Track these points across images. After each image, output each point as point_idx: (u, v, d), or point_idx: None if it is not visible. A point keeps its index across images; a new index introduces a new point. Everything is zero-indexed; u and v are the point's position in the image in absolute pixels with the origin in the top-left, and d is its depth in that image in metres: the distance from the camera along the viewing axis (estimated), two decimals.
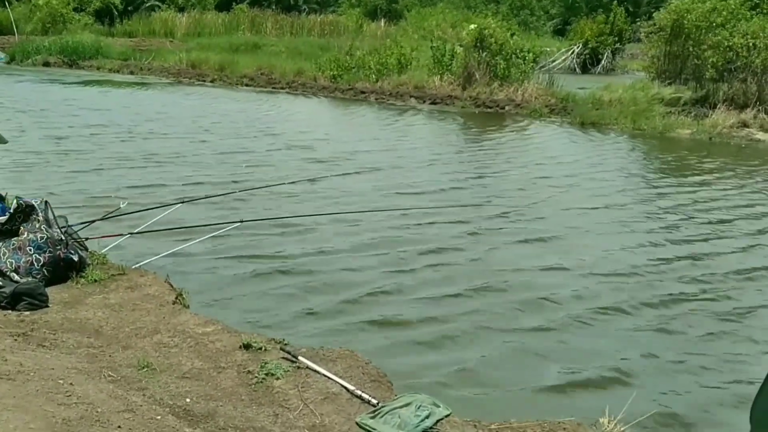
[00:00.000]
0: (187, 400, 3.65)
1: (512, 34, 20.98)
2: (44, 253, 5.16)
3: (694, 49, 18.43)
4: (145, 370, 3.92)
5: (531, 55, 20.38)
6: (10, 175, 9.12)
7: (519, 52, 19.90)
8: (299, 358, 4.18)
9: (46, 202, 5.49)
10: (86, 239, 5.93)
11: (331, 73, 22.31)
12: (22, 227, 5.28)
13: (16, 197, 5.45)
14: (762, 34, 17.32)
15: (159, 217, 6.75)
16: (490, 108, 18.67)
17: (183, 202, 7.09)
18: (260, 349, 4.30)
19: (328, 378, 3.99)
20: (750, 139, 15.52)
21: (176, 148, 12.04)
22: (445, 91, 19.97)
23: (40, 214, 5.33)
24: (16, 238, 5.21)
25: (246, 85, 22.84)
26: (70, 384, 3.47)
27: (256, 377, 3.96)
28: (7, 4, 34.46)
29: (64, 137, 12.58)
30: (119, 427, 3.15)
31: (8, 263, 5.06)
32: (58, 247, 5.22)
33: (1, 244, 5.19)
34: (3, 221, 5.37)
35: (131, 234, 6.40)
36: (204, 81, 23.78)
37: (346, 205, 8.60)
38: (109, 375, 3.77)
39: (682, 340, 5.41)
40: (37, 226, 5.27)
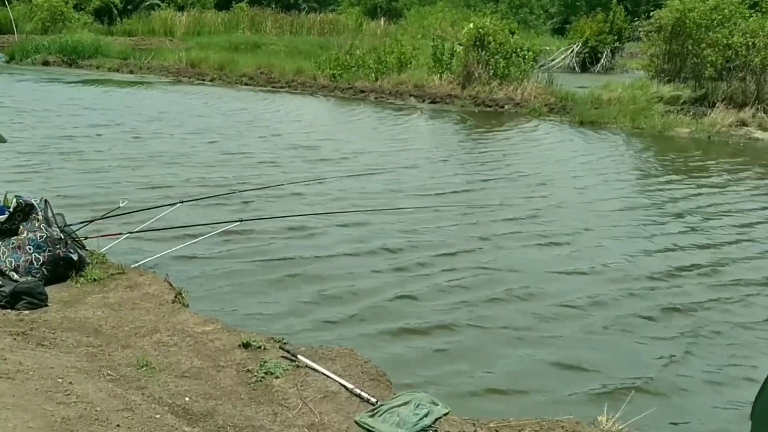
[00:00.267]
0: (186, 399, 3.65)
1: (512, 33, 20.97)
2: (44, 252, 5.17)
3: (694, 47, 18.43)
4: (145, 369, 3.93)
5: (530, 54, 20.37)
6: (11, 175, 9.12)
7: (518, 51, 19.90)
8: (298, 356, 4.18)
9: (46, 201, 5.49)
10: (85, 238, 5.94)
11: (331, 72, 22.31)
12: (21, 226, 5.28)
13: (16, 196, 5.45)
14: (761, 33, 17.32)
15: (158, 217, 6.75)
16: (490, 107, 18.67)
17: (182, 202, 7.09)
18: (259, 347, 4.30)
19: (327, 377, 4.00)
20: (749, 138, 15.53)
21: (178, 148, 12.02)
22: (445, 90, 19.96)
23: (40, 213, 5.34)
24: (15, 237, 5.22)
25: (245, 84, 22.83)
26: (70, 383, 3.48)
27: (255, 376, 3.97)
28: (7, 3, 34.44)
29: (66, 137, 12.56)
30: (118, 425, 3.15)
31: (8, 262, 5.07)
32: (58, 246, 5.23)
33: (0, 243, 5.20)
34: (2, 220, 5.37)
35: (130, 233, 6.40)
36: (203, 80, 23.78)
37: (347, 205, 8.59)
38: (109, 374, 3.78)
39: (682, 341, 5.41)
40: (37, 225, 5.27)
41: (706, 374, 4.95)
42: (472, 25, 20.43)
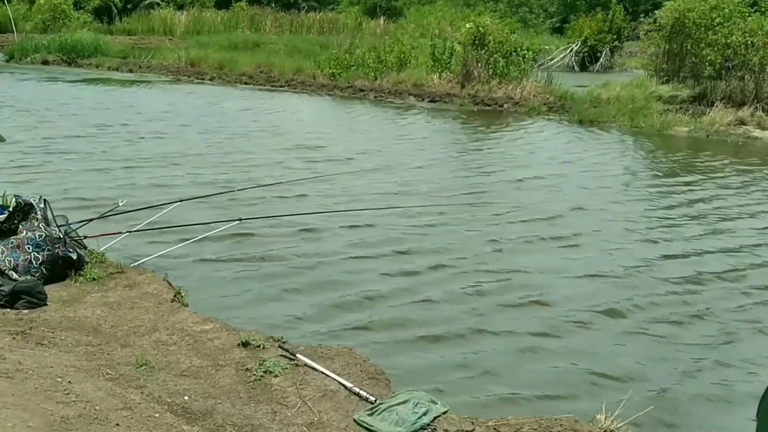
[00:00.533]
0: (186, 398, 3.66)
1: (512, 32, 20.97)
2: (43, 251, 5.17)
3: (693, 47, 18.43)
4: (144, 368, 3.93)
5: (530, 53, 20.37)
6: (11, 175, 9.11)
7: (518, 49, 19.90)
8: (297, 355, 4.19)
9: (45, 201, 5.50)
10: (85, 237, 5.94)
11: (330, 71, 22.31)
12: (20, 226, 5.29)
13: (15, 196, 5.46)
14: (760, 32, 17.33)
15: (158, 216, 6.76)
16: (489, 106, 18.66)
17: (181, 201, 7.09)
18: (258, 346, 4.31)
19: (326, 375, 4.01)
20: (747, 137, 15.53)
21: (177, 147, 11.99)
22: (444, 89, 19.96)
23: (39, 213, 5.35)
24: (14, 237, 5.23)
25: (245, 83, 22.83)
26: (69, 382, 3.49)
27: (255, 375, 3.98)
28: (6, 2, 34.42)
29: (66, 137, 12.50)
30: (117, 424, 3.16)
31: (7, 261, 5.07)
32: (57, 246, 5.24)
33: None
34: (2, 220, 5.38)
35: (130, 232, 6.41)
36: (203, 79, 23.77)
37: (348, 205, 8.59)
38: (108, 373, 3.78)
39: (681, 340, 5.42)
40: (36, 225, 5.28)
41: (706, 373, 4.95)
42: (471, 24, 20.43)
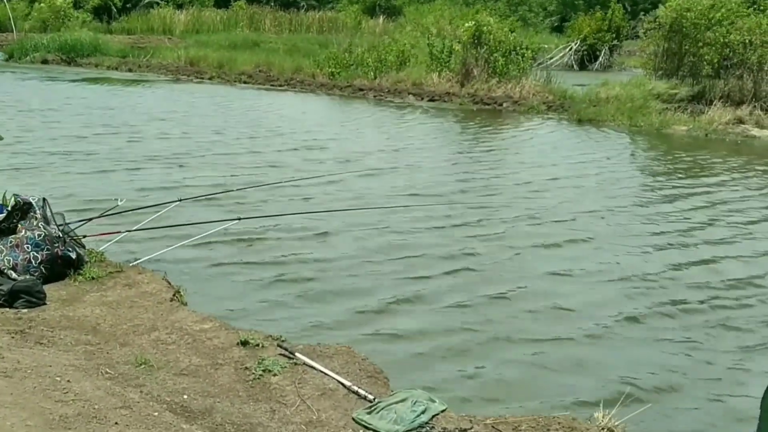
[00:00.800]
0: (185, 397, 3.67)
1: (511, 31, 20.97)
2: (42, 250, 5.18)
3: (692, 46, 18.44)
4: (143, 367, 3.94)
5: (529, 51, 20.37)
6: (11, 175, 9.09)
7: (517, 48, 19.90)
8: (296, 354, 4.20)
9: (44, 200, 5.50)
10: (84, 237, 5.95)
11: (330, 71, 22.30)
12: (19, 225, 5.30)
13: (14, 195, 5.46)
14: (758, 31, 17.34)
15: (157, 215, 6.76)
16: (488, 105, 18.66)
17: (180, 200, 7.10)
18: (257, 345, 4.32)
19: (325, 374, 4.02)
20: (746, 136, 15.54)
21: (177, 147, 11.95)
22: (443, 88, 19.96)
23: (38, 212, 5.35)
24: (13, 236, 5.23)
25: (244, 83, 22.80)
26: (68, 381, 3.49)
27: (254, 374, 3.99)
28: (6, 1, 34.40)
29: (66, 137, 12.45)
30: (116, 423, 3.17)
31: (6, 261, 5.08)
32: (56, 245, 5.24)
33: None
34: (1, 219, 5.39)
35: (129, 231, 6.41)
36: (202, 78, 23.74)
37: (350, 204, 8.56)
38: (107, 372, 3.79)
39: (679, 338, 5.43)
40: (35, 224, 5.28)
41: (704, 373, 4.96)
42: (471, 23, 20.42)
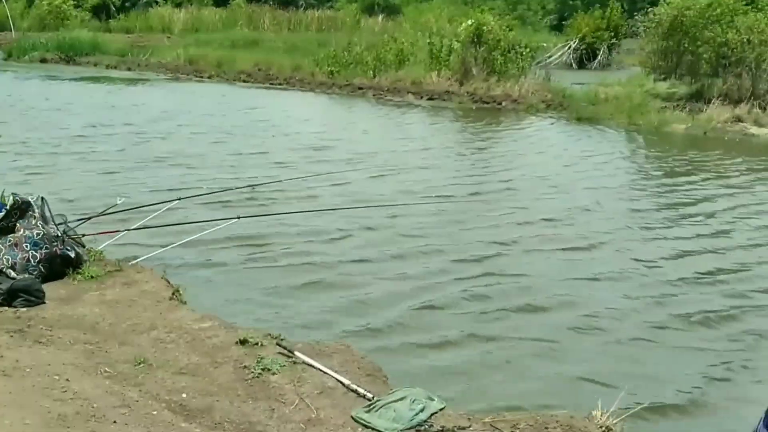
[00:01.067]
0: (184, 396, 3.67)
1: (510, 30, 20.98)
2: (41, 249, 5.17)
3: (690, 44, 18.45)
4: (142, 365, 3.94)
5: (528, 50, 20.37)
6: (11, 175, 9.06)
7: (516, 47, 19.90)
8: (295, 353, 4.20)
9: (43, 199, 5.50)
10: (83, 236, 5.94)
11: (329, 69, 22.29)
12: (18, 224, 5.29)
13: (13, 194, 5.45)
14: (756, 30, 17.35)
15: (156, 214, 6.76)
16: (487, 104, 18.66)
17: (179, 199, 7.10)
18: (256, 344, 4.31)
19: (324, 372, 4.01)
20: (744, 134, 15.56)
21: (177, 146, 11.91)
22: (443, 87, 19.95)
23: (37, 211, 5.34)
24: (12, 235, 5.22)
25: (244, 81, 22.80)
26: (67, 380, 3.50)
27: (253, 372, 3.98)
28: (5, 1, 34.34)
29: (66, 137, 12.42)
30: (115, 422, 3.17)
31: (5, 260, 5.07)
32: (55, 244, 5.24)
33: None
34: None
35: (128, 230, 6.41)
36: (202, 77, 23.72)
37: (351, 203, 8.55)
38: (106, 371, 3.79)
39: (677, 337, 5.44)
40: (34, 223, 5.28)
41: (703, 370, 4.97)
42: (470, 22, 20.42)
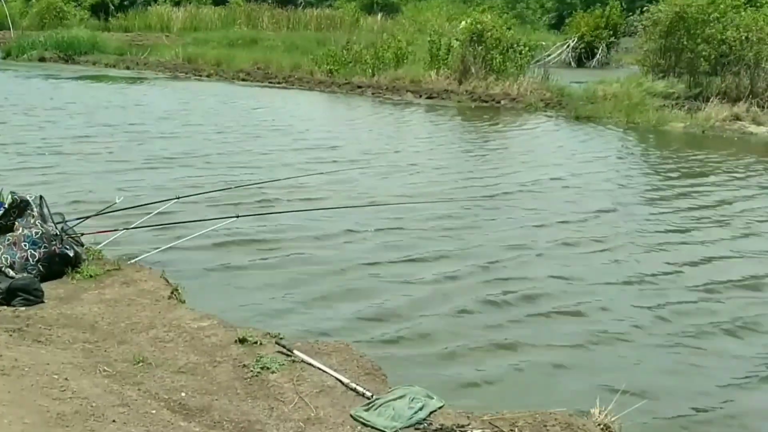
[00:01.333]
0: (183, 395, 3.67)
1: (508, 28, 21.00)
2: (39, 248, 5.17)
3: (689, 42, 18.46)
4: (141, 364, 3.94)
5: (527, 49, 20.38)
6: (11, 174, 9.04)
7: (515, 46, 19.91)
8: (294, 351, 4.20)
9: (41, 197, 5.50)
10: (82, 234, 5.94)
11: (328, 68, 22.29)
12: (16, 223, 5.29)
13: (11, 192, 5.45)
14: (755, 28, 17.37)
15: (155, 213, 6.76)
16: (486, 102, 18.67)
17: (178, 198, 7.08)
18: (255, 343, 4.32)
19: (323, 371, 4.02)
20: (743, 132, 15.58)
21: (177, 145, 11.87)
22: (442, 86, 19.96)
23: (35, 210, 5.34)
24: (11, 234, 5.22)
25: (243, 80, 22.79)
26: (65, 379, 3.49)
27: (252, 371, 3.99)
28: (3, 1, 34.30)
29: (69, 137, 12.36)
30: (114, 421, 3.17)
31: (3, 259, 5.07)
32: (53, 243, 5.24)
33: None
34: None
35: (127, 229, 6.41)
36: (200, 76, 23.70)
37: (352, 203, 8.52)
38: (105, 370, 3.79)
39: (675, 335, 5.44)
40: (32, 222, 5.28)
41: (703, 371, 4.98)
42: (469, 20, 20.43)
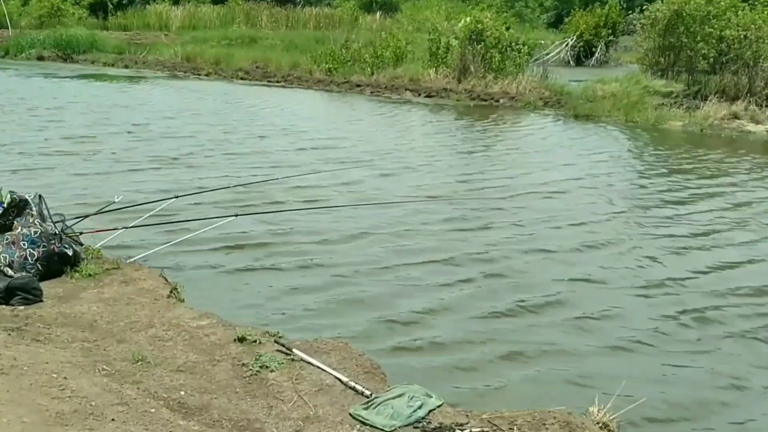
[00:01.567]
0: (182, 393, 3.67)
1: (507, 27, 21.00)
2: (38, 247, 5.17)
3: (688, 40, 18.47)
4: (140, 363, 3.94)
5: (526, 47, 20.38)
6: (15, 174, 9.03)
7: (514, 44, 19.91)
8: (293, 350, 4.21)
9: (40, 196, 5.49)
10: (80, 233, 5.94)
11: (327, 67, 22.28)
12: (15, 222, 5.29)
13: (10, 191, 5.45)
14: (753, 26, 17.39)
15: (154, 212, 6.76)
16: (485, 101, 18.67)
17: (177, 197, 7.08)
18: (255, 341, 4.32)
19: (322, 370, 4.02)
20: (741, 131, 15.60)
21: (182, 146, 11.83)
22: (440, 84, 19.96)
23: (34, 209, 5.34)
24: (9, 233, 5.22)
25: (241, 79, 22.78)
26: (64, 378, 3.50)
27: (251, 370, 3.99)
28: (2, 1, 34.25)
29: (69, 136, 12.32)
30: (113, 420, 3.17)
31: (2, 258, 5.07)
32: (52, 242, 5.23)
33: None
34: None
35: (126, 228, 6.41)
36: (199, 75, 23.67)
37: (349, 201, 8.52)
38: (104, 369, 3.79)
39: (676, 334, 5.45)
40: (31, 221, 5.28)
41: (700, 367, 4.99)
42: (468, 19, 20.43)
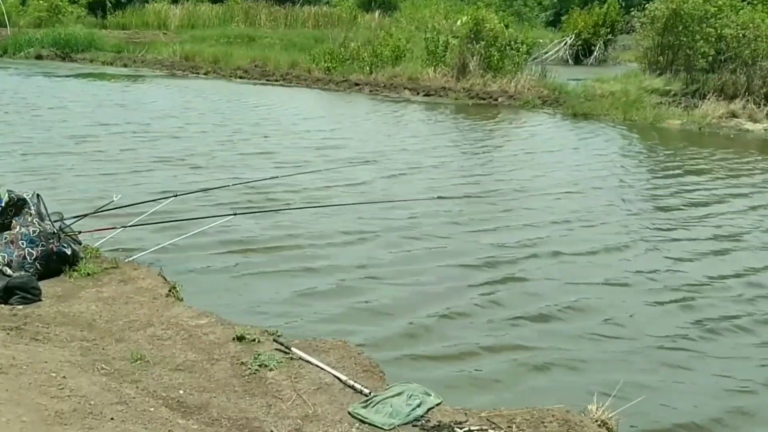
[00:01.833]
0: (181, 392, 3.68)
1: (506, 26, 21.00)
2: (37, 246, 5.17)
3: (687, 39, 18.48)
4: (139, 362, 3.94)
5: (524, 46, 20.38)
6: (11, 174, 9.01)
7: (512, 43, 19.91)
8: (292, 349, 4.21)
9: (38, 195, 5.49)
10: (79, 233, 5.92)
11: (326, 65, 22.27)
12: (14, 221, 5.29)
13: (8, 190, 5.44)
14: (752, 25, 17.40)
15: (153, 211, 6.75)
16: (484, 100, 18.67)
17: (176, 196, 7.08)
18: (253, 340, 4.33)
19: (321, 368, 4.03)
20: (739, 130, 15.62)
21: (183, 145, 11.80)
22: (439, 83, 19.96)
23: (32, 208, 5.34)
24: (8, 232, 5.22)
25: (240, 78, 22.74)
26: (63, 377, 3.50)
27: (249, 369, 3.99)
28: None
29: (69, 136, 12.25)
30: (112, 419, 3.17)
31: (0, 257, 5.06)
32: (51, 241, 5.23)
33: None
34: None
35: (124, 227, 6.40)
36: (198, 73, 23.62)
37: (353, 200, 8.50)
38: (103, 368, 3.79)
39: (676, 334, 5.46)
40: (30, 220, 5.27)
41: (699, 366, 4.99)
42: (467, 18, 20.42)
